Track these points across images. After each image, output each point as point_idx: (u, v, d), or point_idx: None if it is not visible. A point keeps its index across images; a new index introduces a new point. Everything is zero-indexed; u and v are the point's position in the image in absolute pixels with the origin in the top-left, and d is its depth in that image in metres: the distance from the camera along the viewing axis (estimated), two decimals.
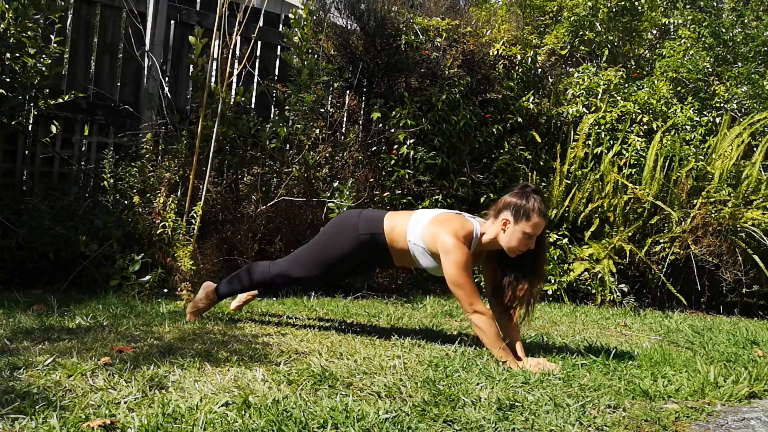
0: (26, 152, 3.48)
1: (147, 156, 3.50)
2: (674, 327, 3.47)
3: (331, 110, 4.25)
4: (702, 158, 4.69)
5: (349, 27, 4.53)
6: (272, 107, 4.25)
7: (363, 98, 4.45)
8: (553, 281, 4.24)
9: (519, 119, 4.78)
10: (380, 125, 4.26)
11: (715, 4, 6.22)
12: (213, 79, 3.58)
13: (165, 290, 3.16)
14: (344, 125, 4.32)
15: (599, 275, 4.22)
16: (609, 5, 5.81)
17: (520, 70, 5.00)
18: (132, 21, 3.76)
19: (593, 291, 4.25)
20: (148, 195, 3.39)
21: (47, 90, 3.33)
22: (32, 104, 3.34)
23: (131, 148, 3.68)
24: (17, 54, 3.12)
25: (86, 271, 3.15)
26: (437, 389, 1.75)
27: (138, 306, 2.79)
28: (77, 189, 3.41)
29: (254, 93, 4.15)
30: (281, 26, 4.33)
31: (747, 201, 4.53)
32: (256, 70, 4.20)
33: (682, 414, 1.70)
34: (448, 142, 4.50)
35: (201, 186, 3.43)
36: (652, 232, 4.46)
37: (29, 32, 3.12)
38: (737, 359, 2.50)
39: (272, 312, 3.02)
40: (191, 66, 3.73)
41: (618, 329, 3.36)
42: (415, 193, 4.30)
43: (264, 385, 1.71)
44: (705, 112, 5.19)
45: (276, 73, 4.33)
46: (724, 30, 5.59)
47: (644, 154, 4.67)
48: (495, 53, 4.84)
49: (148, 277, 3.10)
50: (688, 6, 6.01)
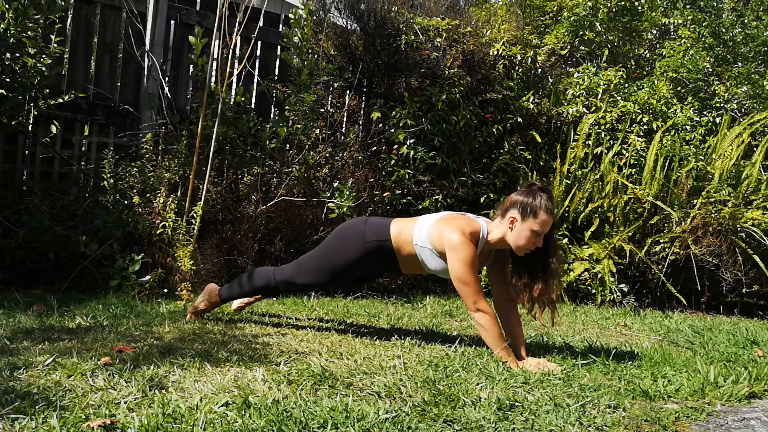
0: (26, 152, 3.48)
1: (147, 156, 3.50)
2: (674, 327, 3.47)
3: (331, 110, 4.25)
4: (702, 158, 4.69)
5: (349, 27, 4.53)
6: (272, 107, 4.25)
7: (363, 98, 4.45)
8: None
9: (519, 119, 4.78)
10: (380, 125, 4.26)
11: (715, 4, 6.22)
12: (213, 79, 3.58)
13: (165, 290, 3.16)
14: (344, 125, 4.32)
15: (599, 275, 4.22)
16: (609, 5, 5.81)
17: (520, 70, 5.00)
18: (132, 21, 3.76)
19: (593, 291, 4.25)
20: (148, 195, 3.39)
21: (47, 90, 3.33)
22: (32, 104, 3.34)
23: (131, 148, 3.68)
24: (17, 54, 3.12)
25: (86, 271, 3.15)
26: (437, 389, 1.75)
27: (138, 306, 2.79)
28: (77, 189, 3.41)
29: (254, 93, 4.15)
30: (281, 26, 4.33)
31: (747, 201, 4.53)
32: (256, 70, 4.20)
33: (682, 414, 1.70)
34: (448, 142, 4.50)
35: (201, 186, 3.43)
36: (652, 232, 4.46)
37: (29, 32, 3.12)
38: (737, 359, 2.50)
39: (272, 312, 3.02)
40: (191, 66, 3.73)
41: (618, 329, 3.36)
42: (415, 193, 4.30)
43: (264, 385, 1.71)
44: (705, 112, 5.19)
45: (276, 73, 4.33)
46: (724, 30, 5.59)
47: (644, 154, 4.67)
48: (495, 53, 4.84)
49: (148, 277, 3.10)
50: (688, 6, 6.01)
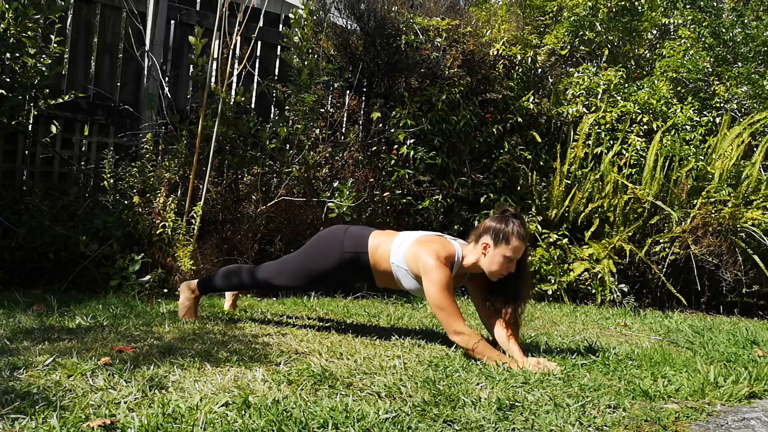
0: (26, 152, 3.48)
1: (147, 156, 3.50)
2: (674, 327, 3.47)
3: (331, 110, 4.25)
4: (702, 158, 4.69)
5: (349, 27, 4.53)
6: (272, 107, 4.25)
7: (363, 98, 4.45)
8: (553, 281, 4.25)
9: (519, 119, 4.78)
10: (380, 125, 4.26)
11: (715, 4, 6.22)
12: (213, 79, 3.58)
13: (165, 290, 3.16)
14: (344, 125, 4.32)
15: (599, 275, 4.22)
16: (609, 5, 5.81)
17: (520, 70, 5.00)
18: (132, 21, 3.76)
19: (593, 291, 4.25)
20: (148, 195, 3.39)
21: (47, 90, 3.33)
22: (32, 104, 3.34)
23: (131, 148, 3.68)
24: (17, 54, 3.12)
25: (86, 271, 3.15)
26: (437, 389, 1.75)
27: (138, 306, 2.79)
28: (77, 189, 3.41)
29: (254, 93, 4.15)
30: (281, 26, 4.33)
31: (747, 201, 4.53)
32: (256, 70, 4.20)
33: (682, 414, 1.70)
34: (448, 142, 4.50)
35: (201, 186, 3.43)
36: (652, 232, 4.46)
37: (29, 32, 3.12)
38: (737, 359, 2.50)
39: (272, 312, 3.02)
40: (191, 66, 3.73)
41: (618, 329, 3.36)
42: (415, 193, 4.30)
43: (264, 385, 1.71)
44: (705, 112, 5.19)
45: (276, 73, 4.33)
46: (724, 30, 5.60)
47: (644, 154, 4.67)
48: (495, 53, 4.84)
49: (148, 277, 3.10)
50: (688, 6, 6.01)
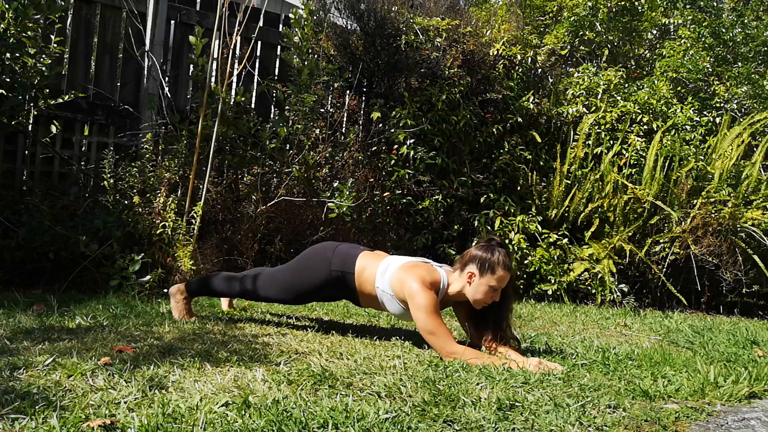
0: (26, 152, 3.48)
1: (147, 156, 3.50)
2: (674, 327, 3.47)
3: (331, 110, 4.25)
4: (702, 158, 4.69)
5: (349, 27, 4.53)
6: (272, 107, 4.25)
7: (363, 98, 4.45)
8: (553, 281, 4.25)
9: (519, 119, 4.78)
10: (380, 125, 4.26)
11: (715, 4, 6.22)
12: (213, 79, 3.58)
13: (165, 290, 3.16)
14: (344, 125, 4.32)
15: (599, 275, 4.22)
16: (609, 5, 5.81)
17: (520, 70, 5.00)
18: (132, 21, 3.76)
19: (593, 291, 4.25)
20: (148, 195, 3.39)
21: (47, 90, 3.33)
22: (32, 104, 3.34)
23: (131, 148, 3.68)
24: (17, 54, 3.12)
25: (86, 271, 3.15)
26: (437, 389, 1.75)
27: (138, 306, 2.79)
28: (77, 189, 3.41)
29: (254, 93, 4.15)
30: (281, 26, 4.33)
31: (747, 201, 4.53)
32: (256, 70, 4.20)
33: (682, 414, 1.70)
34: (448, 142, 4.50)
35: (201, 186, 3.43)
36: (652, 232, 4.46)
37: (29, 32, 3.12)
38: (737, 359, 2.50)
39: (272, 312, 3.02)
40: (191, 66, 3.73)
41: (618, 329, 3.36)
42: (415, 193, 4.30)
43: (264, 385, 1.71)
44: (705, 112, 5.19)
45: (276, 73, 4.33)
46: (724, 30, 5.59)
47: (644, 154, 4.67)
48: (495, 53, 4.84)
49: (148, 277, 3.10)
50: (688, 6, 6.01)
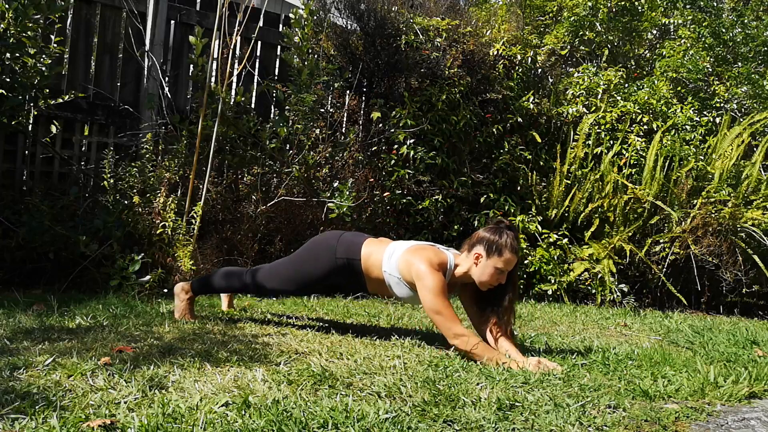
0: (26, 152, 3.48)
1: (147, 156, 3.50)
2: (674, 327, 3.47)
3: (331, 110, 4.25)
4: (702, 158, 4.69)
5: (349, 27, 4.53)
6: (272, 107, 4.25)
7: (363, 98, 4.45)
8: (553, 281, 4.25)
9: (519, 119, 4.78)
10: (380, 125, 4.26)
11: (715, 4, 6.22)
12: (213, 79, 3.58)
13: (165, 290, 3.16)
14: (344, 125, 4.32)
15: (599, 275, 4.22)
16: (609, 5, 5.81)
17: (520, 70, 5.00)
18: (132, 21, 3.76)
19: (593, 291, 4.25)
20: (148, 195, 3.39)
21: (47, 90, 3.33)
22: (32, 104, 3.34)
23: (131, 148, 3.68)
24: (17, 54, 3.12)
25: (86, 271, 3.15)
26: (437, 389, 1.75)
27: (138, 306, 2.79)
28: (77, 189, 3.41)
29: (254, 93, 4.15)
30: (281, 26, 4.33)
31: (747, 201, 4.53)
32: (256, 70, 4.20)
33: (682, 414, 1.70)
34: (448, 142, 4.50)
35: (201, 186, 3.43)
36: (652, 232, 4.46)
37: (29, 32, 3.12)
38: (737, 359, 2.50)
39: (272, 312, 3.02)
40: (191, 66, 3.73)
41: (618, 329, 3.36)
42: (415, 193, 4.30)
43: (264, 385, 1.71)
44: (705, 112, 5.19)
45: (276, 73, 4.33)
46: (724, 30, 5.59)
47: (644, 154, 4.67)
48: (495, 53, 4.84)
49: (148, 277, 3.10)
50: (688, 6, 6.01)
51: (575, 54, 5.84)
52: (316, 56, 4.11)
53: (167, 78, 3.84)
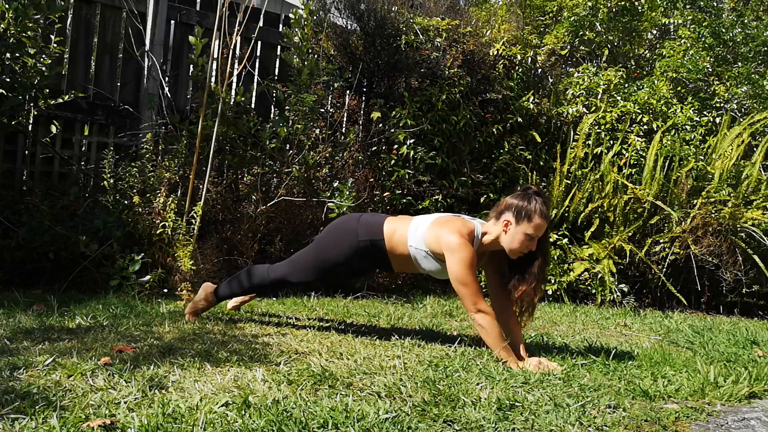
0: (26, 152, 3.48)
1: (147, 156, 3.50)
2: (674, 327, 3.47)
3: (331, 110, 4.25)
4: (702, 158, 4.69)
5: (349, 27, 4.53)
6: (272, 107, 4.25)
7: (363, 98, 4.45)
8: (553, 281, 4.25)
9: (519, 119, 4.78)
10: (380, 125, 4.26)
11: (715, 4, 6.22)
12: (213, 79, 3.58)
13: (165, 290, 3.16)
14: (344, 125, 4.32)
15: (599, 275, 4.22)
16: (609, 5, 5.81)
17: (520, 70, 5.00)
18: (132, 21, 3.76)
19: (593, 291, 4.25)
20: (148, 195, 3.39)
21: (47, 90, 3.33)
22: (32, 104, 3.34)
23: (131, 148, 3.68)
24: (17, 54, 3.12)
25: (86, 271, 3.15)
26: (437, 389, 1.75)
27: (138, 306, 2.79)
28: (77, 189, 3.41)
29: (254, 93, 4.15)
30: (281, 26, 4.33)
31: (747, 201, 4.53)
32: (256, 70, 4.20)
33: (682, 414, 1.70)
34: (448, 142, 4.50)
35: (201, 186, 3.43)
36: (652, 232, 4.46)
37: (29, 32, 3.11)
38: (737, 359, 2.50)
39: (272, 312, 3.02)
40: (191, 66, 3.73)
41: (618, 329, 3.36)
42: (415, 193, 4.30)
43: (264, 385, 1.71)
44: (705, 112, 5.19)
45: (276, 73, 4.33)
46: (724, 30, 5.59)
47: (644, 154, 4.67)
48: (495, 53, 4.84)
49: (148, 277, 3.10)
50: (688, 6, 6.00)
51: (575, 54, 5.84)
52: (316, 56, 4.11)
53: (167, 78, 3.84)
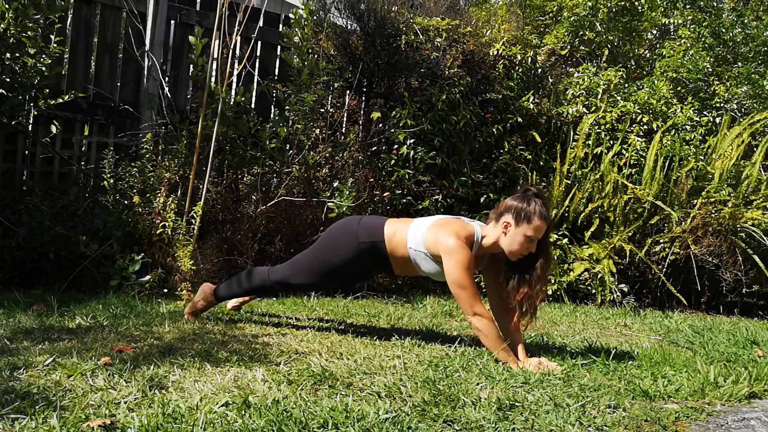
0: (26, 152, 3.48)
1: (147, 156, 3.50)
2: (674, 327, 3.47)
3: (331, 110, 4.25)
4: (702, 158, 4.69)
5: (349, 27, 4.53)
6: (272, 107, 4.25)
7: (363, 98, 4.45)
8: (553, 281, 4.24)
9: (519, 119, 4.78)
10: (380, 125, 4.26)
11: (715, 4, 6.22)
12: (213, 79, 3.58)
13: (165, 290, 3.16)
14: (344, 125, 4.32)
15: (599, 275, 4.22)
16: (609, 5, 5.81)
17: (520, 70, 5.00)
18: (132, 21, 3.76)
19: (593, 291, 4.25)
20: (148, 195, 3.39)
21: (47, 90, 3.33)
22: (32, 104, 3.34)
23: (131, 148, 3.68)
24: (17, 54, 3.12)
25: (86, 271, 3.15)
26: (437, 389, 1.75)
27: (138, 306, 2.79)
28: (77, 189, 3.41)
29: (254, 93, 4.15)
30: (281, 26, 4.33)
31: (747, 201, 4.53)
32: (256, 70, 4.20)
33: (682, 414, 1.70)
34: (448, 142, 4.50)
35: (201, 186, 3.43)
36: (652, 232, 4.46)
37: (29, 32, 3.11)
38: (737, 359, 2.50)
39: (272, 312, 3.02)
40: (191, 66, 3.73)
41: (618, 329, 3.36)
42: (415, 193, 4.30)
43: (264, 385, 1.71)
44: (705, 112, 5.19)
45: (276, 73, 4.33)
46: (724, 30, 5.59)
47: (644, 154, 4.67)
48: (495, 53, 4.84)
49: (148, 277, 3.10)
50: (688, 6, 6.00)
51: (575, 54, 5.84)
52: (316, 56, 4.11)
53: (167, 78, 3.84)
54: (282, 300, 3.40)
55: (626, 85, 5.17)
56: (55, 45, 3.35)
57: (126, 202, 3.31)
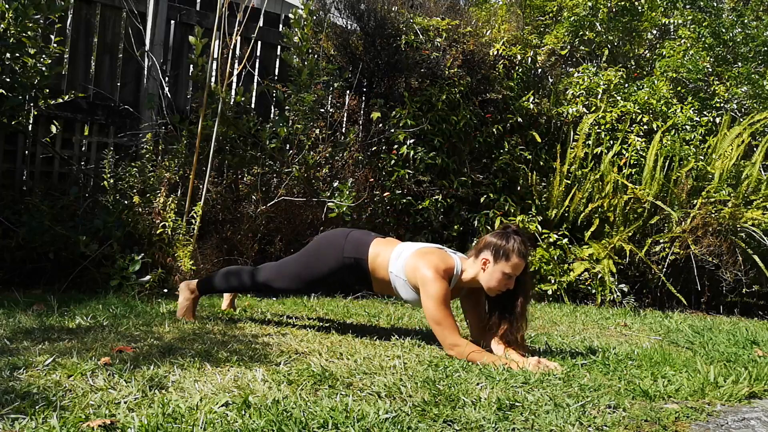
0: (26, 152, 3.48)
1: (147, 156, 3.50)
2: (674, 327, 3.47)
3: (331, 110, 4.25)
4: (702, 158, 4.69)
5: (349, 27, 4.53)
6: (272, 107, 4.25)
7: (363, 98, 4.45)
8: (553, 281, 4.25)
9: (519, 119, 4.78)
10: (380, 125, 4.26)
11: (715, 4, 6.22)
12: (213, 79, 3.58)
13: (165, 290, 3.16)
14: (344, 125, 4.32)
15: (599, 275, 4.22)
16: (609, 5, 5.81)
17: (520, 70, 5.00)
18: (132, 21, 3.76)
19: (593, 291, 4.25)
20: (148, 195, 3.39)
21: (47, 90, 3.33)
22: (32, 104, 3.34)
23: (131, 148, 3.68)
24: (17, 54, 3.12)
25: (86, 271, 3.15)
26: (437, 389, 1.75)
27: (138, 306, 2.79)
28: (77, 189, 3.41)
29: (254, 93, 4.15)
30: (281, 26, 4.33)
31: (747, 201, 4.53)
32: (256, 70, 4.20)
33: (682, 414, 1.70)
34: (448, 142, 4.50)
35: (201, 186, 3.43)
36: (652, 232, 4.46)
37: (29, 32, 3.11)
38: (737, 359, 2.50)
39: (272, 312, 3.02)
40: (191, 66, 3.73)
41: (618, 329, 3.36)
42: (415, 193, 4.30)
43: (264, 385, 1.71)
44: (705, 112, 5.19)
45: (276, 73, 4.33)
46: (724, 30, 5.59)
47: (644, 154, 4.67)
48: (495, 53, 4.84)
49: (148, 277, 3.10)
50: (688, 6, 6.01)
51: (575, 54, 5.84)
52: (316, 56, 4.11)
53: (167, 78, 3.84)
54: (282, 300, 3.40)
55: (626, 85, 5.17)
56: (55, 45, 3.36)
57: (126, 202, 3.31)
